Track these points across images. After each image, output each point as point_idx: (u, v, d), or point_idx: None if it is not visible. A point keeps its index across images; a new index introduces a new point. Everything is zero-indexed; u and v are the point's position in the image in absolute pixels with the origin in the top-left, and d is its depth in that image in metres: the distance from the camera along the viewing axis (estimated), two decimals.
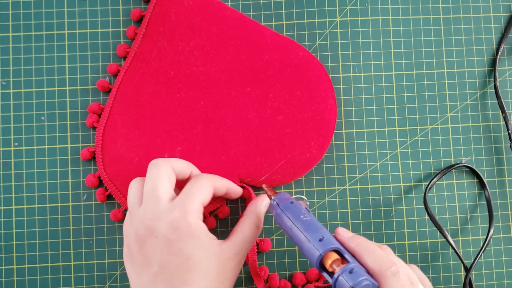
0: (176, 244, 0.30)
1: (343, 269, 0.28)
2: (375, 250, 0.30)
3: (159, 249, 0.30)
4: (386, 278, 0.29)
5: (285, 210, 0.32)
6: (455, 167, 0.40)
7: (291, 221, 0.31)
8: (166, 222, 0.30)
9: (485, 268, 0.41)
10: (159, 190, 0.32)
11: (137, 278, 0.31)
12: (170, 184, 0.33)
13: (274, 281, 0.39)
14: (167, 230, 0.30)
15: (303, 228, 0.31)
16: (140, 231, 0.31)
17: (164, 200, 0.32)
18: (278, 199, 0.33)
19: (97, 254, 0.40)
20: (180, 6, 0.40)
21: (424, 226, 0.41)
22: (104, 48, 0.41)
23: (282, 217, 0.32)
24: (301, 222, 0.31)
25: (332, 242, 0.30)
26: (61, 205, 0.40)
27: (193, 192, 0.32)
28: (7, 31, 0.41)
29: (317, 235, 0.30)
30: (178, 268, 0.30)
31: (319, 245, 0.29)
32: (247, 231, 0.33)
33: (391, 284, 0.29)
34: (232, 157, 0.39)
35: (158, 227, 0.31)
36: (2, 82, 0.41)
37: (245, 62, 0.40)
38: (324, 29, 0.41)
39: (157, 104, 0.39)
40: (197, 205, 0.32)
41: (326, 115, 0.39)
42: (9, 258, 0.39)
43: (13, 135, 0.40)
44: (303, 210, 0.32)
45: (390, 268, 0.29)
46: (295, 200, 0.33)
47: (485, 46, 0.42)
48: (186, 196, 0.32)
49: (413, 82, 0.41)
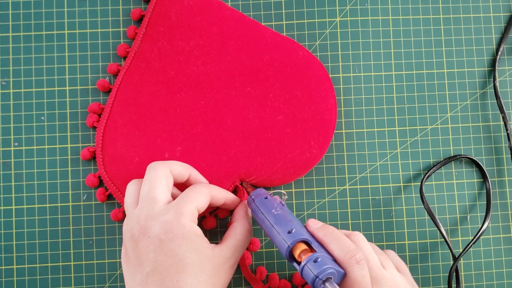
0: (169, 244, 0.30)
1: (308, 259, 0.29)
2: (341, 238, 0.31)
3: (152, 249, 0.30)
4: (350, 265, 0.29)
5: (259, 205, 0.34)
6: (455, 158, 0.40)
7: (264, 215, 0.33)
8: (160, 222, 0.31)
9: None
10: (156, 192, 0.32)
11: (131, 278, 0.31)
12: (168, 186, 0.33)
13: (274, 281, 0.39)
14: (160, 231, 0.30)
15: (273, 222, 0.32)
16: (135, 231, 0.31)
17: (160, 202, 0.32)
18: (254, 195, 0.35)
19: (97, 254, 0.40)
20: (180, 6, 0.40)
21: (424, 226, 0.41)
22: (104, 48, 0.41)
23: (256, 212, 0.34)
24: (272, 216, 0.32)
25: (300, 233, 0.31)
26: (61, 205, 0.40)
27: (189, 196, 0.32)
28: (7, 31, 0.41)
29: (286, 227, 0.31)
30: (170, 269, 0.30)
31: (287, 237, 0.31)
32: (239, 236, 0.34)
33: (355, 271, 0.29)
34: (232, 157, 0.39)
35: (152, 227, 0.31)
36: (2, 82, 0.41)
37: (245, 62, 0.40)
38: (324, 29, 0.42)
39: (157, 104, 0.39)
40: (192, 208, 0.32)
41: (326, 115, 0.39)
42: (9, 258, 0.39)
43: (13, 135, 0.40)
44: (275, 204, 0.33)
45: (354, 256, 0.30)
46: (271, 195, 0.35)
47: (485, 46, 0.42)
48: (182, 199, 0.32)
49: (413, 82, 0.42)
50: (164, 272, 0.30)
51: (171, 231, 0.30)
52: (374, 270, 0.31)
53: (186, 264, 0.30)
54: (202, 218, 0.39)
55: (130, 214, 0.33)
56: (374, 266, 0.32)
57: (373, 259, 0.32)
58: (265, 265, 0.40)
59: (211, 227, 0.39)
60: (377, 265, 0.32)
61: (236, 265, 0.34)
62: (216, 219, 0.40)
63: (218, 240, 0.40)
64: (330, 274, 0.29)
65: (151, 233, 0.31)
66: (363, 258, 0.30)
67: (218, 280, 0.31)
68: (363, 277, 0.29)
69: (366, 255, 0.32)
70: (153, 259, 0.30)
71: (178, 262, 0.30)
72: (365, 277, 0.30)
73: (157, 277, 0.30)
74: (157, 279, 0.30)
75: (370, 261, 0.32)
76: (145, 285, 0.30)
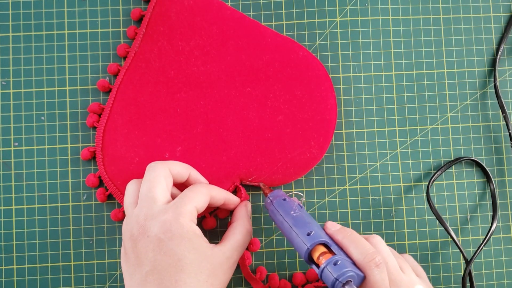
0: (168, 244, 0.30)
1: (328, 261, 0.29)
2: (360, 241, 0.31)
3: (151, 249, 0.30)
4: (369, 269, 0.29)
5: (277, 207, 0.34)
6: (460, 160, 0.40)
7: (282, 217, 0.33)
8: (159, 222, 0.31)
9: (485, 265, 0.41)
10: (155, 192, 0.32)
11: (130, 278, 0.31)
12: (167, 186, 0.33)
13: (274, 281, 0.39)
14: (159, 230, 0.30)
15: (292, 224, 0.32)
16: (134, 231, 0.31)
17: (159, 202, 0.32)
18: (272, 196, 0.35)
19: (97, 254, 0.40)
20: (180, 6, 0.40)
21: (424, 226, 0.41)
22: (104, 48, 0.41)
23: (274, 214, 0.34)
24: (291, 217, 0.32)
25: (319, 236, 0.31)
26: (61, 205, 0.40)
27: (188, 196, 0.32)
28: (7, 31, 0.41)
29: (305, 229, 0.31)
30: (169, 269, 0.30)
31: (307, 239, 0.31)
32: (239, 236, 0.34)
33: (374, 274, 0.29)
34: (232, 157, 0.39)
35: (151, 226, 0.31)
36: (2, 82, 0.41)
37: (245, 62, 0.40)
38: (324, 29, 0.42)
39: (157, 104, 0.39)
40: (191, 208, 0.32)
41: (326, 115, 0.39)
42: (9, 258, 0.39)
43: (13, 135, 0.40)
44: (294, 206, 0.33)
45: (374, 259, 0.30)
46: (289, 197, 0.34)
47: (485, 46, 0.42)
48: (181, 199, 0.32)
49: (413, 82, 0.41)
50: (163, 272, 0.30)
51: (170, 230, 0.30)
52: (393, 273, 0.31)
53: (185, 264, 0.30)
54: (202, 218, 0.39)
55: (129, 213, 0.33)
56: (393, 269, 0.32)
57: (392, 262, 0.32)
58: (265, 265, 0.40)
59: (211, 227, 0.39)
60: (396, 268, 0.32)
61: (235, 265, 0.34)
62: (216, 219, 0.40)
63: (218, 240, 0.40)
64: (350, 277, 0.29)
65: (150, 233, 0.31)
66: (382, 261, 0.30)
67: (217, 280, 0.31)
68: (382, 281, 0.29)
69: (385, 258, 0.32)
70: (152, 258, 0.30)
71: (177, 261, 0.30)
72: (384, 280, 0.30)
73: (156, 277, 0.30)
74: (156, 279, 0.30)
75: (389, 264, 0.32)
76: (144, 285, 0.30)
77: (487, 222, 0.41)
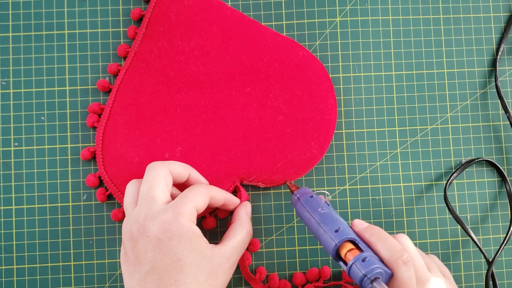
0: (167, 244, 0.30)
1: (356, 258, 0.29)
2: (388, 239, 0.31)
3: (151, 249, 0.30)
4: (397, 266, 0.29)
5: (304, 204, 0.34)
6: (475, 161, 0.40)
7: (310, 214, 0.33)
8: (158, 222, 0.31)
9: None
10: (155, 192, 0.32)
11: (130, 278, 0.31)
12: (167, 186, 0.33)
13: (274, 281, 0.39)
14: (159, 230, 0.30)
15: (320, 220, 0.32)
16: (134, 231, 0.31)
17: (159, 202, 0.32)
18: (299, 193, 0.35)
19: (97, 254, 0.40)
20: (180, 6, 0.40)
21: (424, 226, 0.41)
22: (104, 48, 0.41)
23: (302, 211, 0.34)
24: (319, 214, 0.32)
25: (347, 233, 0.31)
26: (61, 205, 0.40)
27: (188, 196, 0.32)
28: (7, 31, 0.41)
29: (333, 226, 0.31)
30: (168, 268, 0.30)
31: (334, 236, 0.31)
32: (239, 237, 0.34)
33: (402, 272, 0.29)
34: (232, 157, 0.39)
35: (150, 226, 0.31)
36: (2, 82, 0.41)
37: (245, 62, 0.40)
38: (324, 29, 0.42)
39: (157, 104, 0.39)
40: (190, 208, 0.32)
41: (326, 115, 0.39)
42: (9, 258, 0.39)
43: (13, 135, 0.40)
44: (321, 203, 0.33)
45: (402, 257, 0.30)
46: (316, 194, 0.35)
47: (485, 46, 0.42)
48: (181, 199, 0.32)
49: (413, 82, 0.41)
50: (162, 272, 0.30)
51: (170, 230, 0.30)
52: (420, 271, 0.31)
53: (184, 264, 0.30)
54: (202, 218, 0.39)
55: (129, 214, 0.33)
56: (420, 268, 0.32)
57: (419, 261, 0.32)
58: (265, 265, 0.40)
59: (211, 227, 0.39)
60: (423, 267, 0.32)
61: (235, 265, 0.34)
62: (216, 219, 0.40)
63: (218, 240, 0.40)
64: (378, 274, 0.29)
65: (150, 233, 0.31)
66: (410, 259, 0.30)
67: (217, 280, 0.31)
68: (410, 279, 0.29)
69: (412, 256, 0.32)
70: (151, 258, 0.30)
71: (177, 261, 0.30)
72: (412, 278, 0.29)
73: (155, 277, 0.30)
74: (155, 279, 0.30)
75: (416, 262, 0.32)
76: (144, 285, 0.30)
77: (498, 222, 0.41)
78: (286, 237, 0.40)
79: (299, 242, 0.40)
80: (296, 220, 0.40)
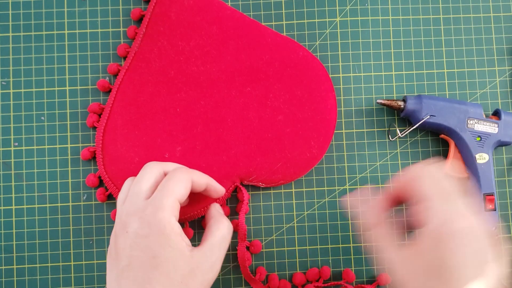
0: (144, 240, 0.30)
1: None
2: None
3: (128, 244, 0.30)
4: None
5: None
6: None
7: None
8: (138, 218, 0.30)
9: None
10: (140, 188, 0.32)
11: (109, 273, 0.31)
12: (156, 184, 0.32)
13: (274, 282, 0.39)
14: (138, 226, 0.30)
15: None
16: (117, 227, 0.31)
17: (142, 197, 0.31)
18: None
19: (97, 254, 0.40)
20: (180, 6, 0.40)
21: None
22: (104, 48, 0.41)
23: None
24: None
25: None
26: (61, 205, 0.40)
27: (168, 188, 0.31)
28: (7, 31, 0.41)
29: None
30: (143, 265, 0.29)
31: None
32: (216, 233, 0.33)
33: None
34: (232, 157, 0.39)
35: (131, 222, 0.30)
36: (2, 82, 0.41)
37: (245, 62, 0.40)
38: (324, 29, 0.42)
39: (157, 104, 0.39)
40: (171, 201, 0.31)
41: (326, 115, 0.39)
42: (9, 258, 0.39)
43: (13, 135, 0.40)
44: None
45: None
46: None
47: (485, 46, 0.42)
48: (160, 192, 0.31)
49: (413, 82, 0.42)
50: (137, 268, 0.29)
51: (149, 226, 0.30)
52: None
53: (160, 262, 0.29)
54: (202, 218, 0.39)
55: (118, 211, 0.33)
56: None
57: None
58: (265, 265, 0.40)
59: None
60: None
61: (218, 264, 0.32)
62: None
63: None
64: None
65: (130, 229, 0.30)
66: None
67: (195, 280, 0.30)
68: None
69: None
70: (128, 254, 0.30)
71: (152, 258, 0.29)
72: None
73: (131, 273, 0.29)
74: (130, 275, 0.29)
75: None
76: (120, 280, 0.29)
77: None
78: (286, 237, 0.40)
79: (299, 242, 0.40)
80: (296, 220, 0.40)
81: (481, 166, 0.38)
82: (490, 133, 0.38)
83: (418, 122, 0.38)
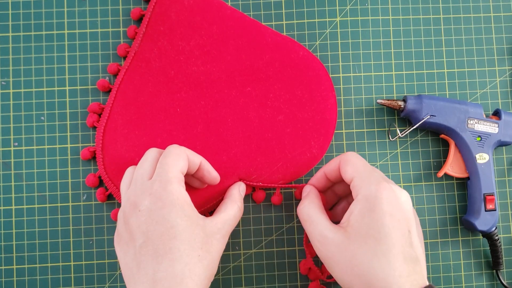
0: (159, 212, 0.30)
1: None
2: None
3: (143, 221, 0.30)
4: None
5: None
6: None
7: None
8: (149, 195, 0.31)
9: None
10: (144, 169, 0.32)
11: (124, 257, 0.31)
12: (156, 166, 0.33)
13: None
14: (150, 202, 0.30)
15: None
16: (126, 210, 0.31)
17: (147, 178, 0.32)
18: None
19: (97, 254, 0.40)
20: (180, 6, 0.40)
21: (423, 226, 0.41)
22: (104, 48, 0.41)
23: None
24: None
25: None
26: (61, 205, 0.40)
27: (168, 162, 0.32)
28: (7, 31, 0.41)
29: None
30: (162, 237, 0.30)
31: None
32: (230, 211, 0.34)
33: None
34: (233, 157, 0.39)
35: (142, 201, 0.31)
36: (2, 82, 0.41)
37: (246, 62, 0.40)
38: (324, 29, 0.42)
39: (157, 103, 0.39)
40: (175, 173, 0.32)
41: (326, 115, 0.39)
42: (9, 258, 0.39)
43: (13, 135, 0.40)
44: None
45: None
46: None
47: (485, 46, 0.42)
48: (162, 167, 0.32)
49: (413, 82, 0.42)
50: (156, 241, 0.30)
51: (160, 199, 0.30)
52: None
53: (178, 231, 0.30)
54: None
55: (123, 196, 0.33)
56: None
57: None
58: (265, 265, 0.40)
59: None
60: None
61: (226, 238, 0.33)
62: None
63: None
64: None
65: (141, 207, 0.31)
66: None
67: (212, 246, 0.31)
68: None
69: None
70: (144, 230, 0.30)
71: (170, 229, 0.30)
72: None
73: (149, 247, 0.30)
74: (149, 249, 0.29)
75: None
76: (139, 257, 0.30)
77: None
78: (286, 237, 0.40)
79: (299, 242, 0.40)
80: (296, 220, 0.40)
81: (481, 166, 0.38)
82: (490, 133, 0.38)
83: (418, 122, 0.38)
